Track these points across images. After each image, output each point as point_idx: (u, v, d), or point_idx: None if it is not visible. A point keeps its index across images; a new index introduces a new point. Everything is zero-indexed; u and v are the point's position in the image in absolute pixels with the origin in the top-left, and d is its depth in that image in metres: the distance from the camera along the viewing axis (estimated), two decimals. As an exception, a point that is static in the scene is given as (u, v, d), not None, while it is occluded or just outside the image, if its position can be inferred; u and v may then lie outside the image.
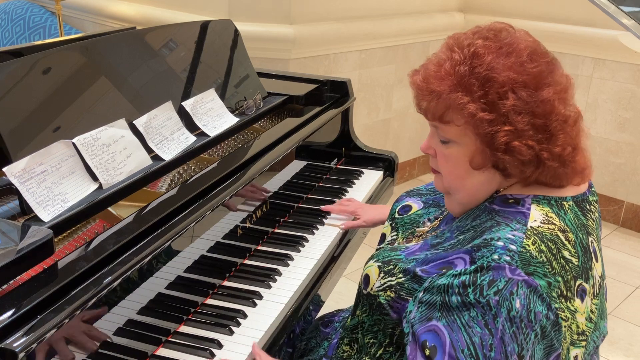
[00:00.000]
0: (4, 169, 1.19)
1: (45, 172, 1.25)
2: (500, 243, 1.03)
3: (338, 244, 1.78)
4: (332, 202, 1.93)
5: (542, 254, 1.03)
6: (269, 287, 1.48)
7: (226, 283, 1.50)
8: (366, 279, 1.20)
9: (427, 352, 1.02)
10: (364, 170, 2.23)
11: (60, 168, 1.28)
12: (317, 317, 1.65)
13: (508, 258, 1.01)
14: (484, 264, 1.01)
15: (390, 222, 1.44)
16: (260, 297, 1.44)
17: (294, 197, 1.93)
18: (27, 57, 1.44)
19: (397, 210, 1.43)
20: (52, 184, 1.25)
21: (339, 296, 1.88)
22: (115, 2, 3.85)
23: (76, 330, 1.05)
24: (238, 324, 1.34)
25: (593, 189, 1.21)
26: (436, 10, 4.04)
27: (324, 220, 1.84)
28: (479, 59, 1.06)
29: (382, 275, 1.17)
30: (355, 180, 2.14)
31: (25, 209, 1.20)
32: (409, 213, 1.39)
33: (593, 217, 1.17)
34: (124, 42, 1.69)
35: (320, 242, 1.73)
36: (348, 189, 2.07)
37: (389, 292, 1.15)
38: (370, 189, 2.11)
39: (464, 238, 1.11)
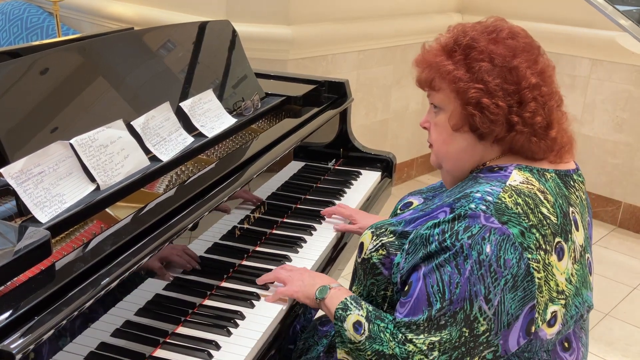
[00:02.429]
0: (1, 170, 1.19)
1: (43, 173, 1.25)
2: (477, 195, 1.15)
3: (336, 245, 1.78)
4: (331, 203, 1.93)
5: (518, 207, 1.13)
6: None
7: (224, 284, 1.50)
8: (361, 247, 1.31)
9: (407, 287, 1.18)
10: (362, 171, 2.23)
11: (57, 169, 1.28)
12: (315, 317, 1.65)
13: (484, 207, 1.12)
14: (462, 212, 1.13)
15: None
16: (258, 297, 1.44)
17: (292, 198, 1.93)
18: (25, 57, 1.43)
19: (399, 207, 1.48)
20: (50, 185, 1.25)
21: (337, 297, 1.91)
22: (113, 3, 3.84)
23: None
24: (236, 325, 1.34)
25: (579, 172, 1.31)
26: (434, 11, 4.04)
27: (322, 220, 1.83)
28: (464, 34, 1.23)
29: (374, 238, 1.29)
30: (353, 181, 2.14)
31: (22, 210, 1.20)
32: (409, 208, 1.42)
33: (577, 193, 1.26)
34: (122, 43, 1.69)
35: (318, 243, 1.72)
36: (346, 189, 2.07)
37: (380, 251, 1.27)
38: (368, 189, 2.11)
39: (448, 197, 1.22)
